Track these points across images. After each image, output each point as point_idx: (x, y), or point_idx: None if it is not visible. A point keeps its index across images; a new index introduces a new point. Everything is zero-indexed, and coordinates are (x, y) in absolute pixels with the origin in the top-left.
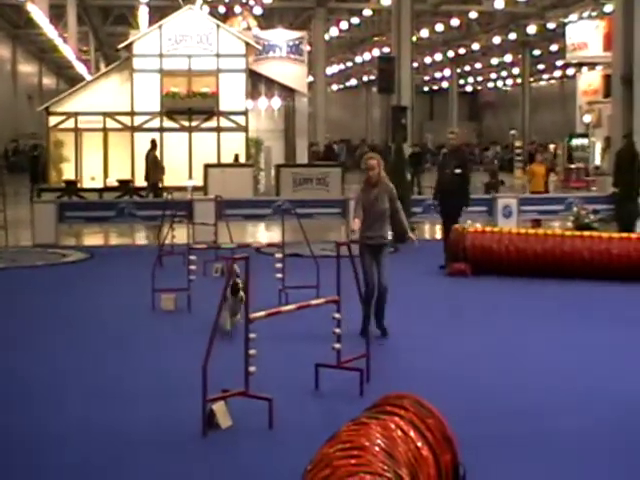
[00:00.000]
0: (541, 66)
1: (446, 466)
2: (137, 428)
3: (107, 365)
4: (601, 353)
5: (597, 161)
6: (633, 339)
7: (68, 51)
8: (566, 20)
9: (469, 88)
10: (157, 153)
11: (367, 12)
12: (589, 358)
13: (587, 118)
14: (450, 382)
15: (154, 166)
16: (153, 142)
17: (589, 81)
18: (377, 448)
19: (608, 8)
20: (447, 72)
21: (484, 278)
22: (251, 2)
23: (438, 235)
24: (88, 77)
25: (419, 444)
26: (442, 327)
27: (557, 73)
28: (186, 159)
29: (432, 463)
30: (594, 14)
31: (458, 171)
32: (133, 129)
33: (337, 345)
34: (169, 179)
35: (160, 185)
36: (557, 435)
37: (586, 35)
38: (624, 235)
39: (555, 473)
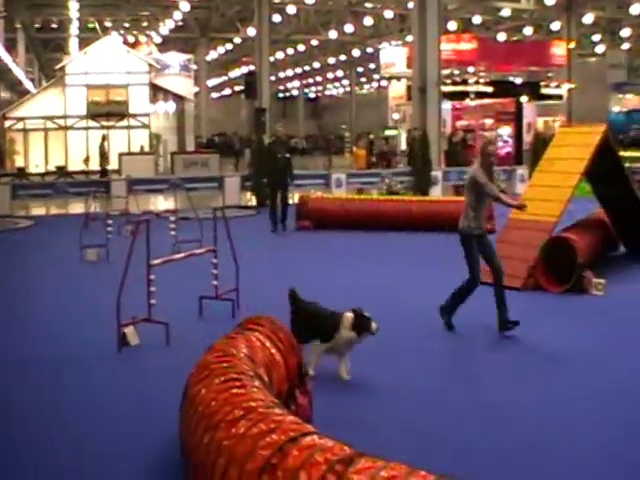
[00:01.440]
0: (363, 79)
1: (292, 367)
2: (69, 346)
3: (45, 301)
4: (395, 278)
5: (403, 146)
6: (423, 269)
7: (19, 72)
8: (380, 46)
9: (312, 95)
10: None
11: (237, 40)
12: (387, 280)
13: (396, 116)
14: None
15: (103, 155)
16: (103, 137)
17: (397, 89)
18: (242, 355)
19: (409, 38)
20: (296, 83)
21: (323, 231)
22: (152, 33)
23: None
24: (34, 90)
25: (273, 351)
26: (294, 263)
27: (375, 84)
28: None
29: (282, 365)
30: (400, 42)
31: (287, 155)
32: (66, 128)
33: (215, 282)
34: (93, 164)
35: (107, 168)
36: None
37: (394, 57)
38: (420, 198)
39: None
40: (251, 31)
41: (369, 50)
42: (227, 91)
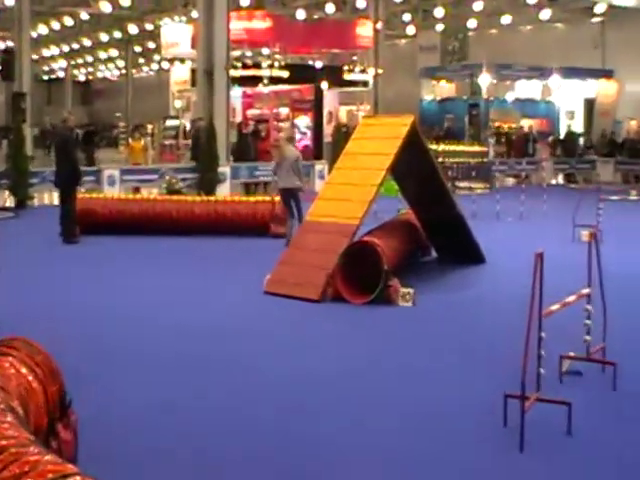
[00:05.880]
0: (142, 60)
1: (53, 395)
2: None
3: None
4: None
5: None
6: (201, 280)
7: None
8: (162, 23)
9: (82, 77)
10: None
11: None
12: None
13: (178, 103)
14: (60, 324)
15: None
16: None
17: (180, 73)
18: None
19: (195, 14)
20: (63, 63)
21: (92, 237)
22: None
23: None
24: None
25: (30, 378)
26: (59, 274)
27: (155, 66)
28: None
29: (41, 393)
30: (184, 19)
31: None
32: None
33: None
34: None
35: None
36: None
37: (178, 36)
38: (204, 198)
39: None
40: (9, 1)
41: (148, 27)
42: None
